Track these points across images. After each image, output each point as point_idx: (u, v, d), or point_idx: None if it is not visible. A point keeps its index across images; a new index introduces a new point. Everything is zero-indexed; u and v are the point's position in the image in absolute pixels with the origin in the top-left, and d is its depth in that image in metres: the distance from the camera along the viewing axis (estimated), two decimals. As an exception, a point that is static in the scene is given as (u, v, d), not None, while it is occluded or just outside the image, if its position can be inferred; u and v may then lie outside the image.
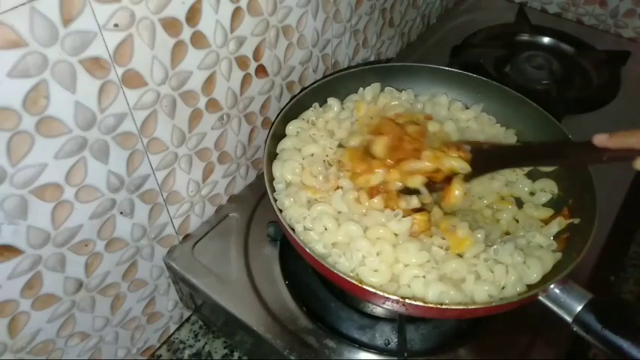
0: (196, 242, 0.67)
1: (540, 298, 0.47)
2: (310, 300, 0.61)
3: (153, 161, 0.55)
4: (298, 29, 0.67)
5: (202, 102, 0.58)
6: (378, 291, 0.46)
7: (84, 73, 0.43)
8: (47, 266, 0.49)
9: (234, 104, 0.63)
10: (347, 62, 0.83)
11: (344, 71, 0.69)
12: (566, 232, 0.54)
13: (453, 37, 1.01)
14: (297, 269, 0.64)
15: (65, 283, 0.52)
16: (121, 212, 0.54)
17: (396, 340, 0.57)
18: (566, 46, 0.99)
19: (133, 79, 0.48)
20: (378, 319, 0.59)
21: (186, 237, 0.67)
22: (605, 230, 0.68)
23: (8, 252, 0.45)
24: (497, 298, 0.49)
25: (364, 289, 0.46)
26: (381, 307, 0.58)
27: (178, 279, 0.66)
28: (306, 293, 0.62)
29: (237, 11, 0.56)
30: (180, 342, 0.71)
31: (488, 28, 1.04)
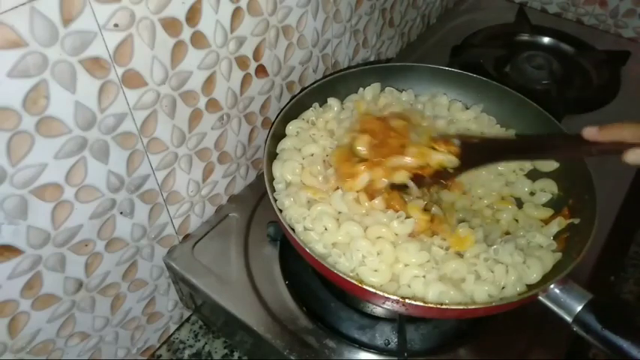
0: (196, 242, 0.67)
1: (540, 298, 0.47)
2: (310, 300, 0.61)
3: (153, 161, 0.55)
4: (298, 29, 0.67)
5: (202, 102, 0.58)
6: (378, 291, 0.46)
7: (84, 73, 0.43)
8: (47, 266, 0.49)
9: (234, 104, 0.63)
10: (347, 62, 0.83)
11: (344, 71, 0.69)
12: (566, 232, 0.54)
13: (453, 37, 1.01)
14: (297, 269, 0.64)
15: (65, 283, 0.52)
16: (121, 212, 0.54)
17: (396, 340, 0.57)
18: (566, 46, 0.99)
19: (133, 79, 0.48)
20: (378, 319, 0.59)
21: (186, 237, 0.67)
22: (605, 230, 0.68)
23: (8, 252, 0.45)
24: (497, 298, 0.49)
25: (364, 289, 0.46)
26: (381, 307, 0.58)
27: (178, 279, 0.66)
28: (306, 293, 0.62)
29: (237, 11, 0.56)
30: (180, 342, 0.71)
31: (488, 28, 1.04)
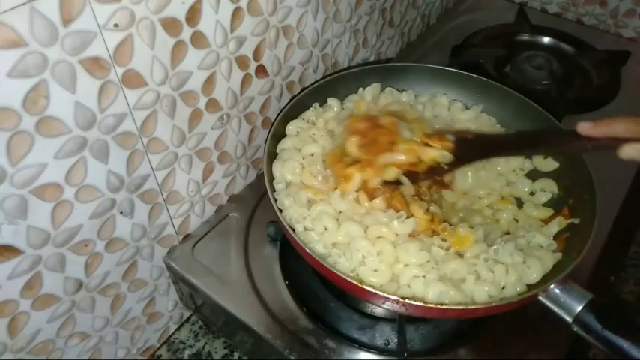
0: (196, 242, 0.67)
1: (540, 298, 0.47)
2: (310, 300, 0.61)
3: (153, 161, 0.55)
4: (298, 29, 0.67)
5: (202, 102, 0.58)
6: (378, 291, 0.46)
7: (84, 73, 0.43)
8: (47, 266, 0.49)
9: (234, 104, 0.63)
10: (347, 62, 0.83)
11: (344, 71, 0.69)
12: (566, 232, 0.54)
13: (453, 37, 1.01)
14: (297, 269, 0.64)
15: (65, 283, 0.52)
16: (121, 212, 0.54)
17: (396, 340, 0.57)
18: (566, 46, 0.99)
19: (133, 79, 0.48)
20: (378, 319, 0.59)
21: (186, 237, 0.67)
22: (605, 230, 0.68)
23: (8, 252, 0.45)
24: (497, 298, 0.49)
25: (364, 289, 0.46)
26: (381, 307, 0.58)
27: (178, 279, 0.66)
28: (306, 293, 0.62)
29: (237, 11, 0.56)
30: (180, 342, 0.71)
31: (488, 28, 1.04)
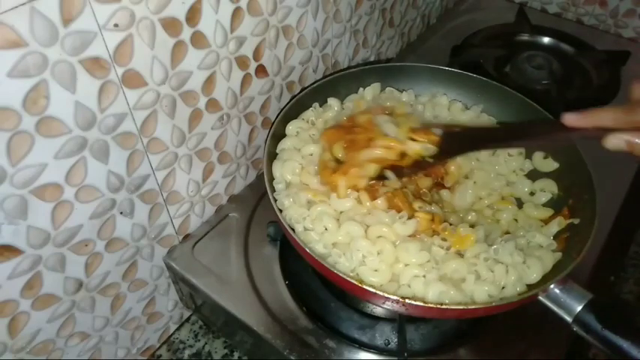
0: (196, 242, 0.67)
1: (540, 298, 0.47)
2: (310, 300, 0.61)
3: (153, 161, 0.55)
4: (298, 29, 0.67)
5: (202, 102, 0.58)
6: (378, 291, 0.46)
7: (84, 73, 0.43)
8: (47, 266, 0.49)
9: (234, 104, 0.63)
10: (347, 62, 0.83)
11: (344, 71, 0.69)
12: (566, 232, 0.54)
13: (453, 37, 1.01)
14: (297, 269, 0.64)
15: (65, 283, 0.52)
16: (121, 212, 0.54)
17: (396, 340, 0.57)
18: (566, 46, 0.99)
19: (133, 79, 0.48)
20: (378, 319, 0.59)
21: (186, 237, 0.67)
22: (605, 230, 0.68)
23: (8, 252, 0.45)
24: (497, 298, 0.49)
25: (364, 289, 0.46)
26: (381, 307, 0.58)
27: (178, 279, 0.66)
28: (306, 293, 0.62)
29: (237, 11, 0.56)
30: (180, 342, 0.71)
31: (488, 28, 1.03)
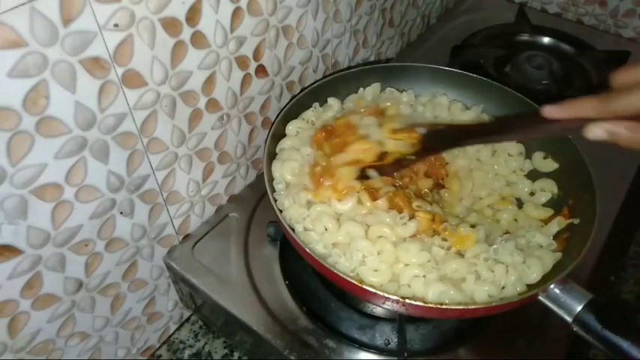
0: (196, 242, 0.67)
1: (540, 298, 0.47)
2: (310, 300, 0.61)
3: (153, 161, 0.55)
4: (298, 29, 0.67)
5: (202, 102, 0.58)
6: (378, 291, 0.46)
7: (84, 73, 0.43)
8: (47, 266, 0.49)
9: (234, 104, 0.63)
10: (347, 62, 0.83)
11: (344, 71, 0.69)
12: (566, 232, 0.54)
13: (453, 37, 1.01)
14: (297, 269, 0.64)
15: (65, 283, 0.52)
16: (121, 212, 0.54)
17: (396, 340, 0.57)
18: (566, 46, 0.99)
19: (133, 79, 0.48)
20: (378, 319, 0.59)
21: (186, 237, 0.67)
22: (605, 230, 0.68)
23: (8, 252, 0.45)
24: (497, 298, 0.49)
25: (364, 289, 0.46)
26: (381, 307, 0.58)
27: (178, 279, 0.66)
28: (306, 293, 0.62)
29: (237, 11, 0.56)
30: (180, 342, 0.71)
31: (488, 28, 1.03)
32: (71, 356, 0.57)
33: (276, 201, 0.55)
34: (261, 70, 0.64)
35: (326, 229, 0.52)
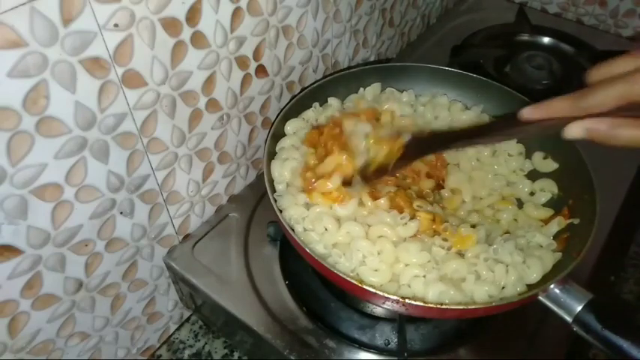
0: (196, 242, 0.67)
1: (540, 298, 0.47)
2: (310, 300, 0.61)
3: (153, 161, 0.55)
4: (298, 29, 0.67)
5: (202, 102, 0.58)
6: (378, 291, 0.46)
7: (84, 73, 0.43)
8: (47, 266, 0.49)
9: (234, 104, 0.63)
10: (347, 62, 0.83)
11: (344, 71, 0.69)
12: (566, 232, 0.54)
13: (453, 37, 1.01)
14: (297, 269, 0.64)
15: (65, 283, 0.52)
16: (121, 212, 0.54)
17: (396, 340, 0.57)
18: (566, 46, 0.99)
19: (133, 79, 0.48)
20: (378, 319, 0.59)
21: (186, 237, 0.67)
22: (605, 230, 0.68)
23: (8, 252, 0.45)
24: (497, 298, 0.49)
25: (364, 289, 0.46)
26: (381, 307, 0.58)
27: (178, 279, 0.66)
28: (306, 293, 0.62)
29: (237, 11, 0.56)
30: (180, 342, 0.71)
31: (488, 28, 1.03)
32: (71, 356, 0.57)
33: (276, 201, 0.55)
34: (261, 70, 0.64)
35: (326, 229, 0.52)
